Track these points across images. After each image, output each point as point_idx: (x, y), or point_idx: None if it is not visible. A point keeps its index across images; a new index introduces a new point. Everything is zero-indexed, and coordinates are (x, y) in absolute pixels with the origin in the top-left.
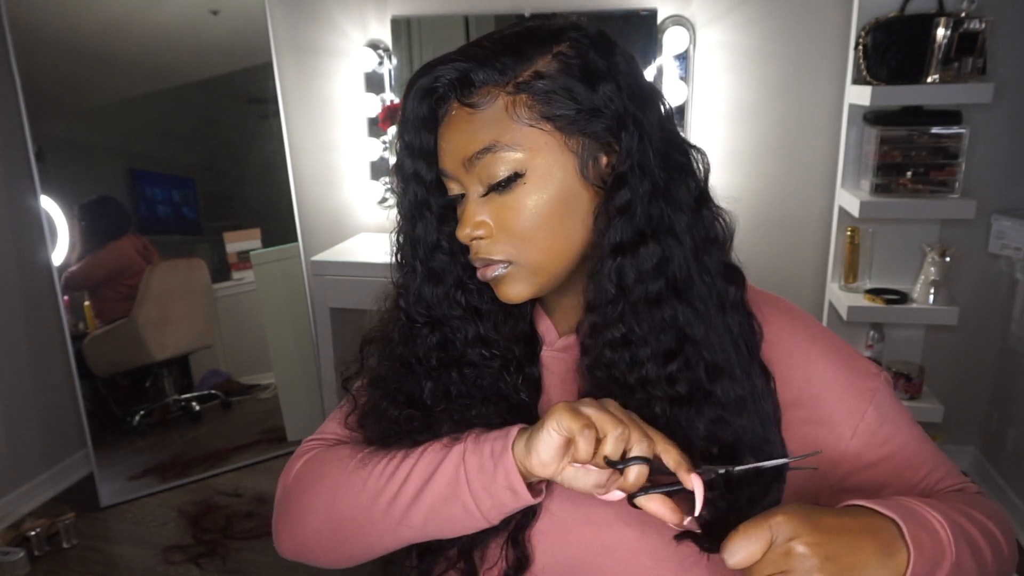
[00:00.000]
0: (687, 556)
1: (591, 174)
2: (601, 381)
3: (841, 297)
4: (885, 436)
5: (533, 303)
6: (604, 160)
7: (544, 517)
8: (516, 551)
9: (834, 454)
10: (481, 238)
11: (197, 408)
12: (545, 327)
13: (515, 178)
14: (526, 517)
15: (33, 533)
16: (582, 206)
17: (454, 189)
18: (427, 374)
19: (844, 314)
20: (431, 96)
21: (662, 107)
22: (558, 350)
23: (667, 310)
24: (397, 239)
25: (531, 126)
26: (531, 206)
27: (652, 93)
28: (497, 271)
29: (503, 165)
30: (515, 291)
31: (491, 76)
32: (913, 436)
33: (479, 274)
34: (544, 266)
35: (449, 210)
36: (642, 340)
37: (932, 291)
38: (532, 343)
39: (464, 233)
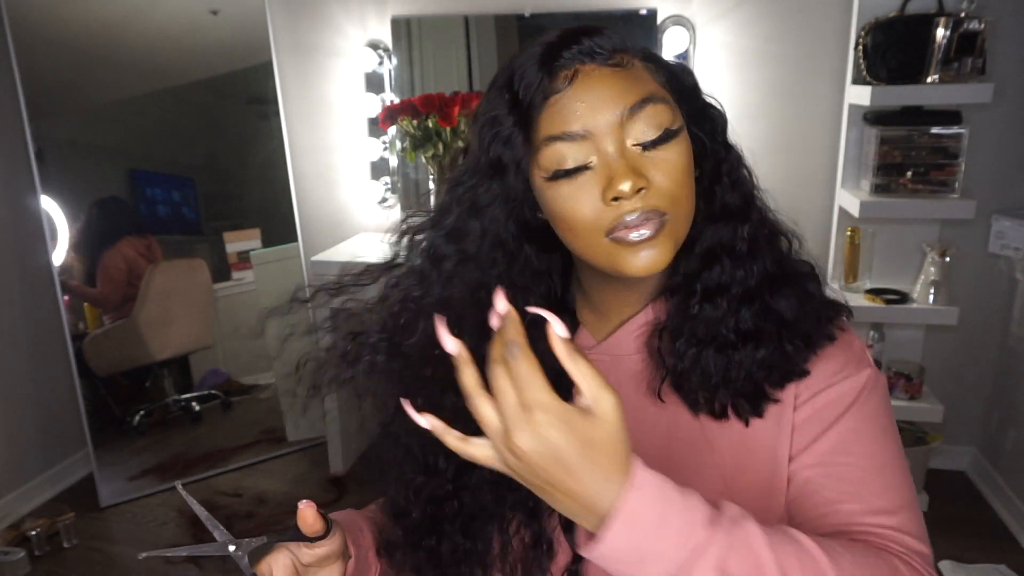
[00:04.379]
0: None
1: None
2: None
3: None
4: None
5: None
6: None
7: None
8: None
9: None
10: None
11: (197, 408)
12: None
13: (671, 134)
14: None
15: (33, 533)
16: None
17: (574, 157)
18: None
19: None
20: (554, 62)
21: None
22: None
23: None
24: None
25: (665, 88)
26: (683, 166)
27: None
28: (656, 224)
29: (660, 117)
30: (662, 256)
31: (622, 43)
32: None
33: (627, 235)
34: (683, 233)
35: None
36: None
37: (932, 291)
38: None
39: (628, 186)
